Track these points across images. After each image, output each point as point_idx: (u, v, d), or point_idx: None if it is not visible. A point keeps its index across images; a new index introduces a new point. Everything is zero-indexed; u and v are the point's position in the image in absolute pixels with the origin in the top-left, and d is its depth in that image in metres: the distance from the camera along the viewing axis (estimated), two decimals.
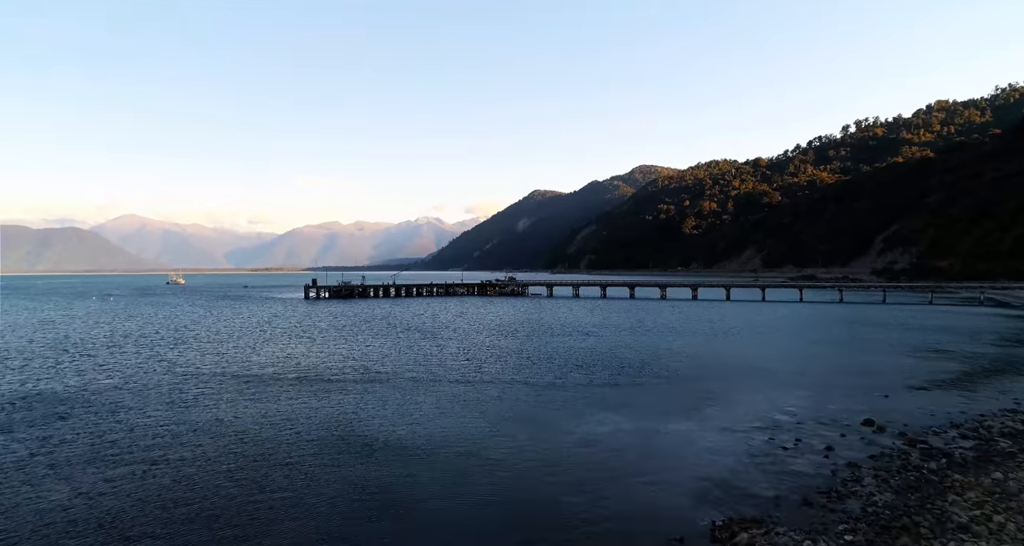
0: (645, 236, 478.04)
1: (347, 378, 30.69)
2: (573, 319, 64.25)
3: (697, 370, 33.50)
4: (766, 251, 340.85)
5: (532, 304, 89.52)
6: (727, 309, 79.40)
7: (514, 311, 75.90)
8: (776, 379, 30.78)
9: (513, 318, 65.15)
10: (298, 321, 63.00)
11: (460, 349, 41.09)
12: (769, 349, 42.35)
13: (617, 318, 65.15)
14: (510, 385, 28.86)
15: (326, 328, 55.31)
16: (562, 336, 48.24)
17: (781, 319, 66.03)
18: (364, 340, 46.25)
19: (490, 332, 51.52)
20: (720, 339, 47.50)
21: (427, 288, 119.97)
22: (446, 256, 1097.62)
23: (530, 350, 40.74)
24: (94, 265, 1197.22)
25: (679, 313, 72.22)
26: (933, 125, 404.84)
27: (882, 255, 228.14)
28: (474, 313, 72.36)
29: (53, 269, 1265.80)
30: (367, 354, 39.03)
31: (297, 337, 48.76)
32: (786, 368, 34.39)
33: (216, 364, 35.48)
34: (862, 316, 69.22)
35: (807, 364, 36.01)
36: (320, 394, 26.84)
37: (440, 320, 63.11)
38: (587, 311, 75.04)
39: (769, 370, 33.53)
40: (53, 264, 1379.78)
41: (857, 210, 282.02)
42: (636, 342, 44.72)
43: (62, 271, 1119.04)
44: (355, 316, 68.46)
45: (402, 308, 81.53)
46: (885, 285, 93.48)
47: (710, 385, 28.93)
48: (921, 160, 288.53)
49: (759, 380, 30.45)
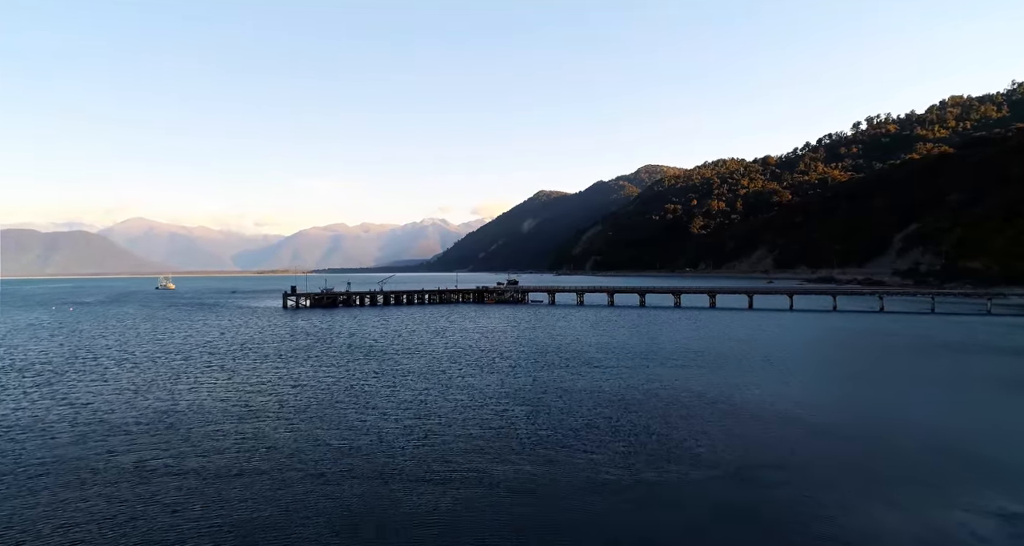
0: (652, 236, 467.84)
1: (221, 446, 21.66)
2: (574, 338, 54.30)
3: (774, 456, 20.06)
4: (778, 251, 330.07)
5: (530, 315, 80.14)
6: (754, 321, 69.57)
7: (507, 325, 66.82)
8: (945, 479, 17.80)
9: (503, 337, 55.48)
10: (244, 341, 53.97)
11: (414, 396, 30.58)
12: (871, 405, 27.98)
13: (627, 336, 55.18)
14: (454, 487, 17.67)
15: (269, 353, 45.98)
16: (556, 368, 38.14)
17: (834, 340, 53.83)
18: (299, 373, 37.14)
19: (468, 360, 41.82)
20: (774, 373, 35.71)
21: (418, 295, 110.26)
22: (451, 257, 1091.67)
23: (508, 396, 30.42)
24: (101, 268, 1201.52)
25: (700, 328, 62.24)
26: (948, 121, 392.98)
27: (902, 255, 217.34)
28: (460, 329, 62.81)
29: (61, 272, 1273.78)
30: (281, 400, 29.47)
31: (218, 367, 39.55)
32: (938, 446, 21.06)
33: (86, 402, 27.84)
34: (931, 334, 56.57)
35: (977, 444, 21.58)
36: (141, 481, 17.95)
37: (415, 340, 53.92)
38: (591, 325, 65.56)
39: (915, 463, 19.48)
40: (61, 267, 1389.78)
41: (872, 208, 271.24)
42: (655, 384, 33.00)
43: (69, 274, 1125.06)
44: (317, 334, 59.69)
45: (382, 321, 72.99)
46: (934, 292, 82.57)
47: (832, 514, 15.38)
48: (939, 156, 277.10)
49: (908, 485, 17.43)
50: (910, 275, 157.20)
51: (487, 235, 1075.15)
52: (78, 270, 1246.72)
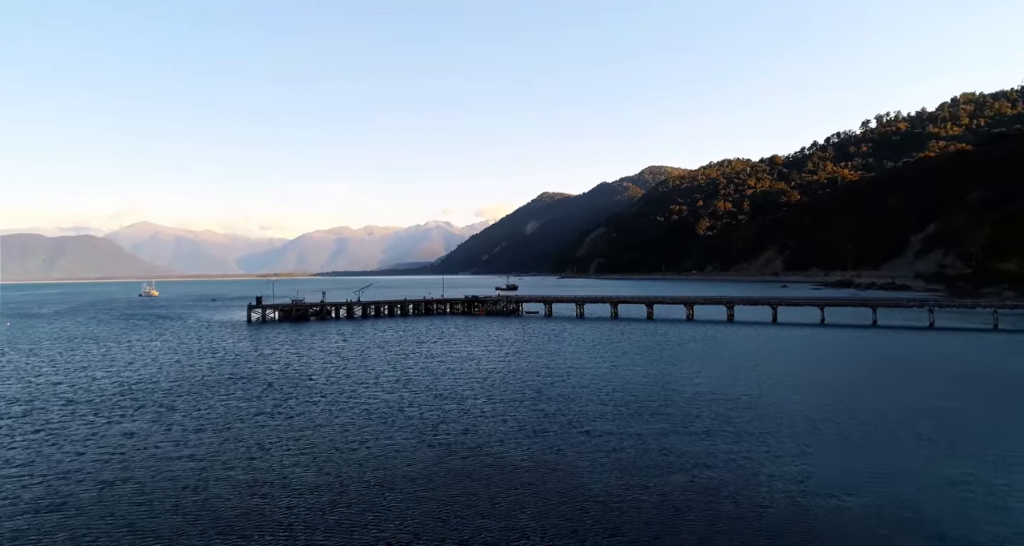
0: (656, 238, 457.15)
1: None
2: (566, 371, 43.18)
3: None
4: (788, 253, 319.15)
5: (520, 332, 70.45)
6: (784, 341, 59.36)
7: (487, 349, 57.39)
8: None
9: (474, 370, 44.53)
10: (148, 375, 43.84)
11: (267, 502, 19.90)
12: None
13: (633, 368, 44.04)
14: None
15: (157, 397, 36.01)
16: (525, 438, 26.01)
17: (911, 372, 41.49)
18: (150, 433, 28.17)
19: (405, 417, 30.54)
20: (874, 451, 23.83)
21: (400, 306, 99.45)
22: (455, 260, 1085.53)
23: (427, 509, 18.51)
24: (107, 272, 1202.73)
25: (722, 352, 51.61)
26: (961, 118, 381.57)
27: (922, 257, 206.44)
28: (426, 355, 52.09)
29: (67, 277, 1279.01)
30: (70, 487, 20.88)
31: (48, 423, 29.73)
32: None
33: None
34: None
35: None
36: None
37: (360, 374, 43.54)
38: (590, 348, 55.25)
39: None
40: (67, 272, 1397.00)
41: (887, 208, 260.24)
42: (676, 479, 20.83)
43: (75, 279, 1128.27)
44: (254, 360, 50.25)
45: (343, 340, 64.00)
46: (996, 305, 70.80)
47: None
48: (956, 154, 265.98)
49: None
50: (938, 279, 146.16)
51: (490, 237, 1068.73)
52: (84, 275, 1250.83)
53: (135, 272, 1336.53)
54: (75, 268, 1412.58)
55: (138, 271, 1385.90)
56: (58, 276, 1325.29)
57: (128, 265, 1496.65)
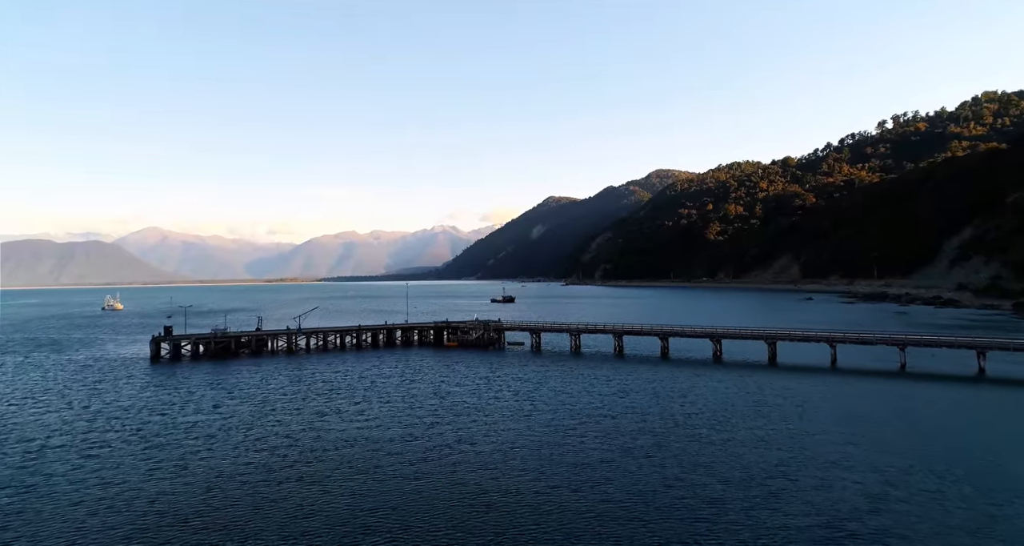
0: (664, 243, 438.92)
1: None
2: (528, 485, 26.46)
3: None
4: (804, 259, 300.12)
5: (488, 383, 52.41)
6: (873, 408, 39.96)
7: (426, 423, 41.00)
8: None
9: (389, 469, 28.32)
10: None
11: None
12: None
13: (637, 469, 27.73)
14: None
15: None
16: None
17: None
18: None
19: None
20: None
21: (354, 334, 79.60)
22: (461, 264, 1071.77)
23: None
24: (116, 278, 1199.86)
25: (779, 437, 33.29)
26: (984, 117, 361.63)
27: (959, 264, 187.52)
28: (312, 440, 36.20)
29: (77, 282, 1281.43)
30: None
31: None
32: None
33: None
34: None
35: None
36: None
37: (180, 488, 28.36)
38: (579, 417, 38.76)
39: None
40: (77, 277, 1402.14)
41: (912, 211, 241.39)
42: None
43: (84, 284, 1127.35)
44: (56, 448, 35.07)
45: (230, 398, 47.95)
46: None
47: None
48: (989, 153, 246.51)
49: None
50: (989, 292, 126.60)
51: (496, 242, 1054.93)
52: (93, 280, 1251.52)
53: (143, 277, 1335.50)
54: (84, 273, 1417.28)
55: (146, 276, 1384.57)
56: (68, 281, 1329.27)
57: (136, 270, 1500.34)
